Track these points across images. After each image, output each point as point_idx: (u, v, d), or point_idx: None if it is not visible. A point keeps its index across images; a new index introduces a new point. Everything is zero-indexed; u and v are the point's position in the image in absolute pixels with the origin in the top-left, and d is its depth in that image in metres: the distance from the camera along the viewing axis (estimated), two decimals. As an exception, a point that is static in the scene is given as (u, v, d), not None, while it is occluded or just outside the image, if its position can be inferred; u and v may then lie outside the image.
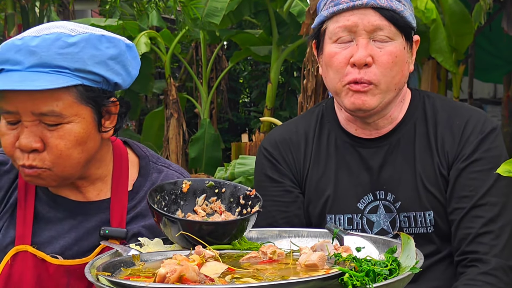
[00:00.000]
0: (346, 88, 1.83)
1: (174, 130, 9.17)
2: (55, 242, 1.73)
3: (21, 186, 1.77)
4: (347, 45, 1.82)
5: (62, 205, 1.77)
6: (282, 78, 12.02)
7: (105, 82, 1.68)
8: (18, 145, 1.62)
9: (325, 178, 1.92)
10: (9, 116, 1.63)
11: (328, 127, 1.97)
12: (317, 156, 1.95)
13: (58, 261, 1.70)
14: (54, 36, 1.60)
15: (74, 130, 1.64)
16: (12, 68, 1.61)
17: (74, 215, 1.76)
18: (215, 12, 7.93)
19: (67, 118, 1.62)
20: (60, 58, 1.59)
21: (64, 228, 1.75)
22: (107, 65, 1.65)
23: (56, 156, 1.63)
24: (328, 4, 1.85)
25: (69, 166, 1.66)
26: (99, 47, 1.64)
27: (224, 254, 1.43)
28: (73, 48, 1.60)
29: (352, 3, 1.79)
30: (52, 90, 1.58)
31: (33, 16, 6.18)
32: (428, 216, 1.86)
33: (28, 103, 1.59)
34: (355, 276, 1.19)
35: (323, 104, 2.05)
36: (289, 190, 1.93)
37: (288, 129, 2.01)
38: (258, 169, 1.99)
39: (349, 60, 1.81)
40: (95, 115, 1.67)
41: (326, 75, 1.89)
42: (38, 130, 1.62)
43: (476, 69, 8.49)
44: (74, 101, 1.62)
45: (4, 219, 1.76)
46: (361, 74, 1.81)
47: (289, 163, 1.95)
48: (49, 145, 1.62)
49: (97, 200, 1.79)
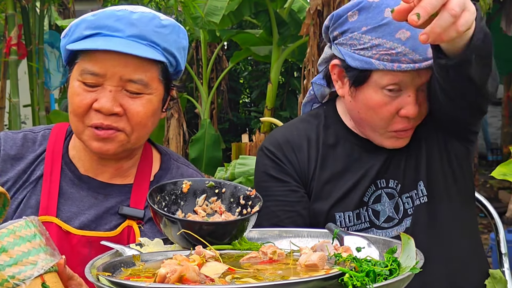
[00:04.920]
0: (391, 134, 1.88)
1: (175, 131, 9.19)
2: (75, 218, 1.78)
3: (48, 161, 1.82)
4: (396, 95, 1.82)
5: (86, 183, 1.82)
6: (282, 78, 12.04)
7: (175, 67, 1.81)
8: (99, 106, 1.69)
9: (333, 180, 1.94)
10: (92, 78, 1.69)
11: (334, 130, 1.99)
12: (324, 159, 1.96)
13: (82, 232, 1.75)
14: (151, 15, 1.73)
15: (153, 102, 1.75)
16: (111, 34, 1.70)
17: (96, 194, 1.82)
18: (215, 11, 7.94)
19: (149, 89, 1.73)
20: (155, 35, 1.72)
21: (84, 205, 1.80)
22: (181, 52, 1.80)
23: (136, 122, 1.72)
24: (381, 54, 1.78)
25: (142, 134, 1.77)
26: (179, 35, 1.79)
27: (224, 254, 1.43)
28: (165, 29, 1.74)
29: (417, 65, 1.77)
30: (144, 60, 1.69)
31: (34, 16, 6.18)
32: (419, 186, 1.91)
33: (120, 68, 1.68)
34: (355, 276, 1.19)
35: (324, 107, 2.05)
36: (294, 190, 1.94)
37: (289, 131, 2.02)
38: (260, 169, 1.98)
39: (398, 110, 1.84)
40: (165, 93, 1.80)
41: (367, 115, 1.88)
42: (120, 97, 1.70)
43: (476, 69, 8.48)
44: (157, 75, 1.75)
45: (27, 190, 1.80)
46: (411, 123, 1.87)
47: (293, 164, 1.95)
48: (130, 112, 1.71)
49: (120, 184, 1.85)
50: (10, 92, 5.86)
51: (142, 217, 1.79)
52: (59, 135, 1.87)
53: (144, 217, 1.79)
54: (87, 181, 1.83)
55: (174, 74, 1.83)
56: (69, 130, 1.90)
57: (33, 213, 1.76)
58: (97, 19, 1.72)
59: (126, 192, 1.83)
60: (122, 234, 1.77)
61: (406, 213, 1.91)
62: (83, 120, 1.73)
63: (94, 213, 1.79)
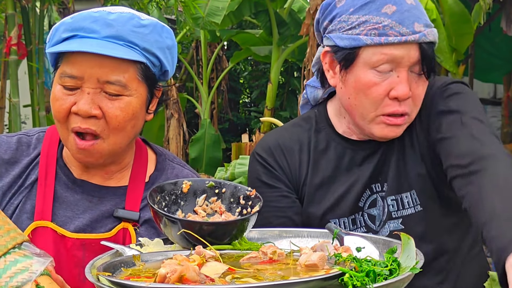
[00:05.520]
0: (381, 119, 1.82)
1: (175, 131, 9.19)
2: (70, 222, 1.78)
3: (43, 165, 1.82)
4: (386, 76, 1.79)
5: (80, 187, 1.82)
6: (282, 78, 12.03)
7: (159, 67, 1.78)
8: (77, 109, 1.68)
9: (326, 184, 1.92)
10: (70, 81, 1.69)
11: (325, 134, 1.97)
12: (316, 163, 1.94)
13: (77, 235, 1.75)
14: (129, 15, 1.72)
15: (133, 104, 1.72)
16: (87, 35, 1.69)
17: (90, 197, 1.81)
18: (216, 12, 7.95)
19: (129, 91, 1.71)
20: (133, 35, 1.70)
21: (79, 209, 1.79)
22: (164, 52, 1.77)
23: (113, 126, 1.70)
24: (369, 29, 1.77)
25: (120, 138, 1.74)
26: (162, 35, 1.76)
27: (224, 254, 1.43)
28: (144, 29, 1.72)
29: (403, 38, 1.75)
30: (121, 61, 1.68)
31: (34, 16, 6.18)
32: (413, 195, 1.87)
33: (97, 69, 1.67)
34: (355, 276, 1.19)
35: (315, 110, 2.04)
36: (285, 195, 1.93)
37: (281, 136, 2.00)
38: (252, 175, 1.98)
39: (388, 92, 1.79)
40: (148, 94, 1.77)
41: (356, 99, 1.84)
42: (98, 99, 1.69)
43: (476, 69, 8.50)
44: (136, 76, 1.72)
45: (23, 195, 1.80)
46: (402, 107, 1.80)
47: (284, 169, 1.94)
48: (108, 115, 1.69)
49: (115, 186, 1.84)
50: (10, 92, 5.87)
51: (138, 219, 1.78)
52: (53, 138, 1.87)
53: (139, 219, 1.79)
54: (81, 185, 1.82)
55: (161, 75, 1.81)
56: None
57: (29, 218, 1.76)
58: (74, 21, 1.71)
59: (121, 194, 1.83)
60: (117, 236, 1.77)
61: (390, 216, 1.89)
62: (66, 126, 1.72)
63: (89, 216, 1.78)
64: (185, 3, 6.37)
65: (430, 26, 1.81)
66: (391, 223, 1.89)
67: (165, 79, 1.85)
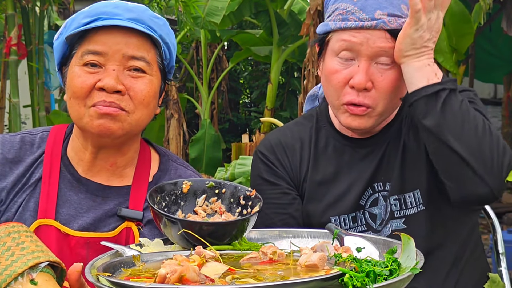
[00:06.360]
0: (344, 108, 1.83)
1: (175, 131, 9.18)
2: (74, 221, 1.78)
3: (47, 163, 1.82)
4: (348, 64, 1.80)
5: (85, 186, 1.82)
6: (282, 79, 12.04)
7: (168, 61, 1.84)
8: (103, 84, 1.69)
9: (326, 181, 1.93)
10: (93, 57, 1.71)
11: (325, 131, 1.99)
12: (316, 160, 1.96)
13: (81, 233, 1.75)
14: (145, 7, 1.79)
15: (154, 83, 1.77)
16: (111, 17, 1.72)
17: (94, 196, 1.81)
18: (216, 12, 7.95)
19: (151, 70, 1.75)
20: (151, 22, 1.76)
21: (83, 208, 1.79)
22: (172, 48, 1.84)
23: (139, 101, 1.72)
24: (336, 15, 1.82)
25: (144, 115, 1.75)
26: (170, 32, 1.83)
27: (224, 254, 1.43)
28: (159, 20, 1.79)
29: (361, 23, 1.76)
30: (144, 41, 1.74)
31: (34, 16, 6.18)
32: (416, 195, 1.87)
33: (122, 45, 1.71)
34: (356, 277, 1.19)
35: (317, 109, 2.06)
36: (286, 192, 1.95)
37: (283, 134, 2.02)
38: (254, 173, 2.01)
39: (348, 80, 1.80)
40: (162, 83, 1.82)
41: (324, 86, 1.89)
42: (122, 76, 1.71)
43: (476, 70, 8.50)
44: (157, 60, 1.78)
45: (26, 193, 1.80)
46: (360, 98, 1.80)
47: (285, 166, 1.96)
48: (134, 90, 1.72)
49: (118, 185, 1.84)
50: (10, 92, 5.87)
51: (141, 219, 1.79)
52: (57, 137, 1.87)
53: (143, 219, 1.79)
54: (86, 183, 1.82)
55: (167, 71, 1.86)
56: (68, 132, 1.89)
57: (32, 216, 1.76)
58: (94, 8, 1.75)
59: (125, 194, 1.83)
60: (120, 235, 1.77)
61: (393, 215, 1.89)
62: (85, 102, 1.71)
63: (92, 216, 1.79)
64: (185, 3, 6.36)
65: (398, 16, 1.79)
66: (393, 222, 1.89)
67: (170, 76, 1.89)
